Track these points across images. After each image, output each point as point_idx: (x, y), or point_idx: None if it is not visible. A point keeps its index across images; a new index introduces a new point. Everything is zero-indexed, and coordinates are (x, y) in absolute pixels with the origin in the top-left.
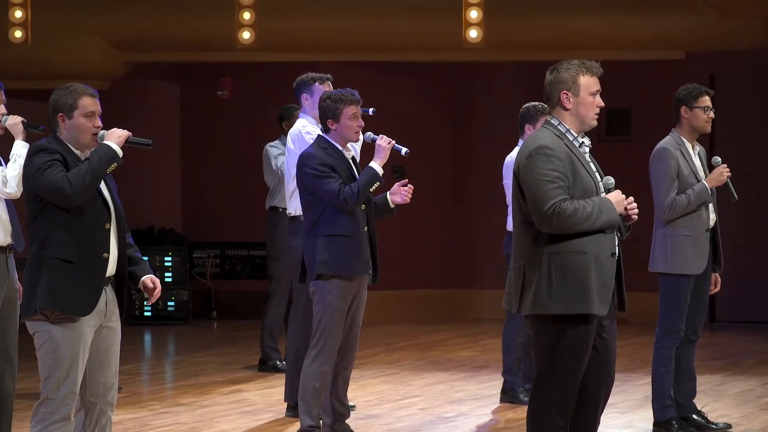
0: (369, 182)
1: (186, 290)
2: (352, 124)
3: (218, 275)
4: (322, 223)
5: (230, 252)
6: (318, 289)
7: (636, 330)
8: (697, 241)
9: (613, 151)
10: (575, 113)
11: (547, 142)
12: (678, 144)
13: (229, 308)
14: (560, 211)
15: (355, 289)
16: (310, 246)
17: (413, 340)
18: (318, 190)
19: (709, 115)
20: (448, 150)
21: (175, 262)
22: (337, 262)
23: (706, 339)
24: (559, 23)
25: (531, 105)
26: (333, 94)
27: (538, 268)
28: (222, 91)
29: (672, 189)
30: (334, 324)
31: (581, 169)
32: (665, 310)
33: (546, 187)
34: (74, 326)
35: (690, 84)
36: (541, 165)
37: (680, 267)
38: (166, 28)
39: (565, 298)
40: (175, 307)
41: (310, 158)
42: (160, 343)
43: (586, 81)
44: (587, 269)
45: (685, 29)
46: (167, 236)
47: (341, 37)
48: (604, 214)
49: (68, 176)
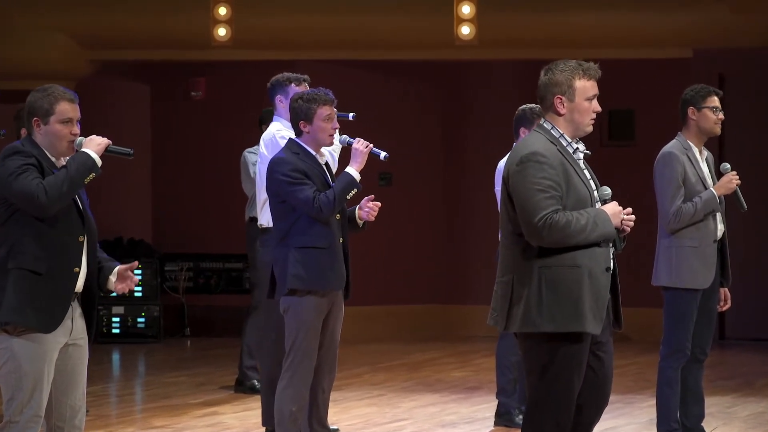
0: (345, 189)
1: (157, 305)
2: (326, 126)
3: (192, 289)
4: (295, 233)
5: (205, 264)
6: (291, 305)
7: (639, 348)
8: (704, 253)
9: (615, 157)
10: (569, 119)
11: (540, 148)
12: (685, 148)
13: (204, 325)
14: (552, 223)
15: (329, 304)
16: (280, 259)
17: (401, 359)
18: (290, 198)
19: (719, 116)
20: (438, 155)
21: (146, 275)
22: (312, 276)
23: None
24: (556, 19)
25: (527, 107)
26: (305, 94)
27: (528, 282)
28: (196, 92)
29: (678, 196)
30: (309, 342)
31: (575, 177)
32: (670, 327)
33: (537, 196)
34: (39, 343)
35: (697, 84)
36: (532, 173)
37: (686, 281)
38: (136, 24)
39: (556, 316)
40: (145, 324)
41: (282, 164)
42: (129, 363)
43: (582, 85)
44: (580, 285)
45: (692, 25)
46: (137, 247)
47: (323, 34)
48: (600, 226)
49: (44, 184)
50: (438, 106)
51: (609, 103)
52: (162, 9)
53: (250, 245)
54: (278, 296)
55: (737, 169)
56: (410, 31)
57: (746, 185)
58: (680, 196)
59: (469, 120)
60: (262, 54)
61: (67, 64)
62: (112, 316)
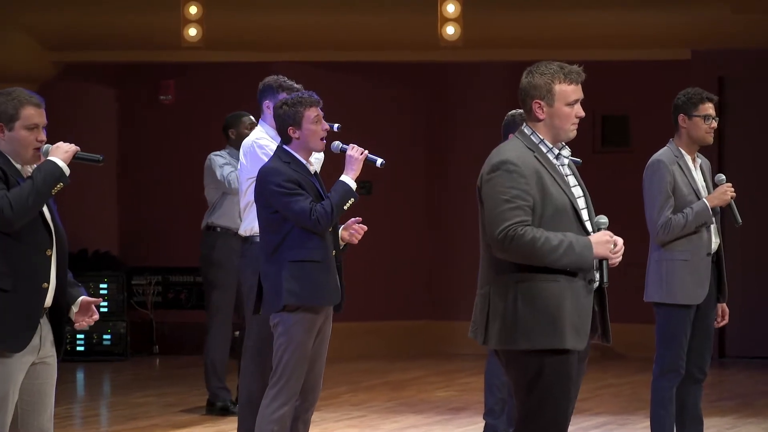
0: (343, 199)
1: (123, 322)
2: (317, 129)
3: (161, 305)
4: (288, 247)
5: (174, 278)
6: (282, 321)
7: (635, 367)
8: (697, 267)
9: (609, 164)
10: (549, 124)
11: (512, 156)
12: (675, 156)
13: (173, 342)
14: (514, 236)
15: (321, 320)
16: (272, 273)
17: (382, 378)
18: (285, 210)
19: (711, 125)
20: (422, 162)
21: (112, 289)
22: (307, 291)
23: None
24: (547, 18)
25: (517, 113)
26: (289, 98)
27: (504, 296)
28: (165, 96)
29: (666, 207)
30: (297, 360)
31: (552, 185)
32: (662, 345)
33: (502, 207)
34: (4, 364)
35: (691, 88)
36: (501, 182)
37: (677, 296)
38: (102, 23)
39: (533, 333)
40: (111, 341)
41: (275, 174)
42: (94, 382)
43: (562, 89)
44: (560, 299)
45: (691, 25)
46: (102, 260)
47: (300, 35)
48: (576, 253)
49: (9, 196)
50: (422, 111)
51: (602, 108)
52: (129, 8)
53: (206, 256)
54: (267, 312)
55: (738, 175)
56: (392, 32)
57: (747, 192)
58: (669, 207)
59: (455, 126)
60: (236, 55)
61: (29, 65)
62: (77, 332)
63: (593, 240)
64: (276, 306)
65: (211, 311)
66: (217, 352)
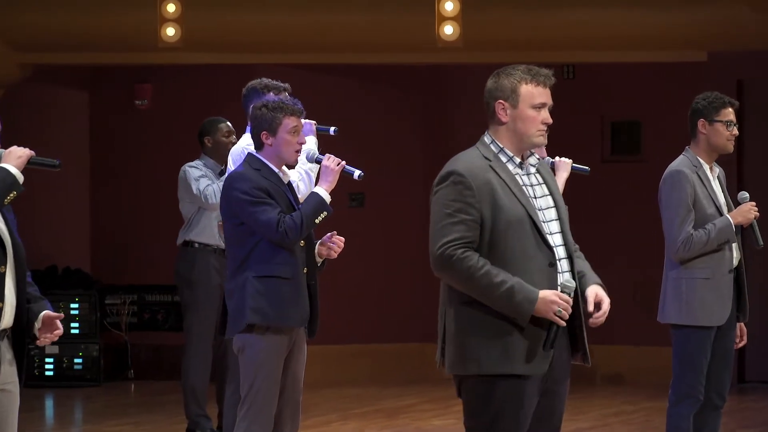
0: (315, 212)
1: (96, 344)
2: (292, 140)
3: (136, 326)
4: (254, 261)
5: (151, 297)
6: (247, 344)
7: (647, 393)
8: (719, 285)
9: (619, 174)
10: (512, 128)
11: (461, 166)
12: (694, 166)
13: (150, 366)
14: (453, 256)
15: (290, 343)
16: (236, 289)
17: (374, 405)
18: (251, 220)
19: (732, 132)
20: (417, 172)
21: (83, 309)
22: (273, 310)
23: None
24: (552, 17)
25: None
26: (270, 101)
27: (456, 318)
28: (141, 101)
29: (687, 221)
30: (268, 386)
31: (506, 197)
32: (680, 369)
33: (444, 221)
34: None
35: (711, 92)
36: (445, 194)
37: (698, 317)
38: (73, 23)
39: (481, 357)
40: (83, 365)
41: (242, 180)
42: (64, 410)
43: (528, 91)
44: (511, 321)
45: (707, 24)
46: (73, 278)
47: (287, 35)
48: (514, 301)
49: None
50: (417, 116)
51: (611, 114)
52: (102, 6)
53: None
54: (231, 333)
55: (759, 188)
56: (386, 32)
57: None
58: (690, 221)
59: (453, 132)
60: (217, 57)
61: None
62: (45, 356)
63: (540, 295)
64: (239, 326)
65: (189, 333)
66: (197, 377)
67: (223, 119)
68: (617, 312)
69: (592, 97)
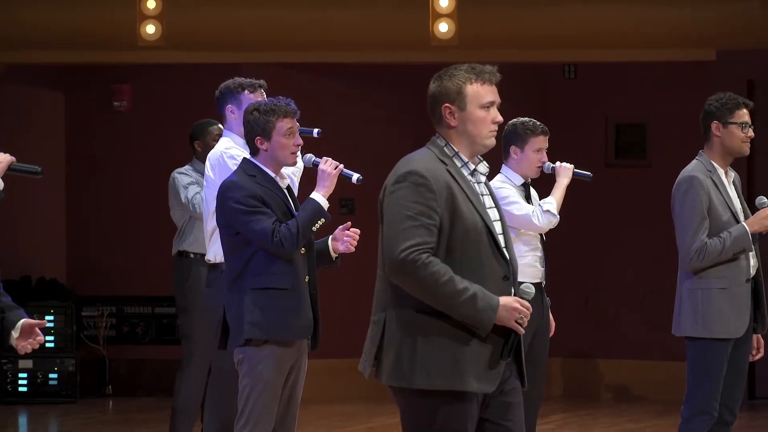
0: (311, 219)
1: (72, 359)
2: (288, 143)
3: (114, 339)
4: (251, 272)
5: (130, 309)
6: (246, 357)
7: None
8: (736, 295)
9: (623, 179)
10: (463, 131)
11: (421, 167)
12: (708, 170)
13: (129, 382)
14: (417, 261)
15: (293, 357)
16: (234, 302)
17: (367, 422)
18: (245, 230)
19: (748, 134)
20: None
21: (59, 322)
22: (272, 323)
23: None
24: (551, 14)
25: (519, 121)
26: (262, 104)
27: (403, 327)
28: (119, 102)
29: (701, 229)
30: (266, 402)
31: (464, 203)
32: (695, 384)
33: (405, 224)
34: None
35: (723, 93)
36: (405, 195)
37: (715, 329)
38: (47, 20)
39: (432, 371)
40: (58, 381)
41: (235, 188)
42: (38, 427)
43: (474, 91)
44: (465, 334)
45: (716, 21)
46: (48, 289)
47: (273, 33)
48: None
49: None
50: (410, 119)
51: (616, 115)
52: (78, 2)
53: (178, 285)
54: (231, 347)
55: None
56: (377, 29)
57: None
58: (704, 229)
59: None
60: (200, 56)
61: None
62: (19, 371)
63: (501, 302)
64: (238, 340)
65: (185, 347)
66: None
67: (214, 122)
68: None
69: (594, 98)
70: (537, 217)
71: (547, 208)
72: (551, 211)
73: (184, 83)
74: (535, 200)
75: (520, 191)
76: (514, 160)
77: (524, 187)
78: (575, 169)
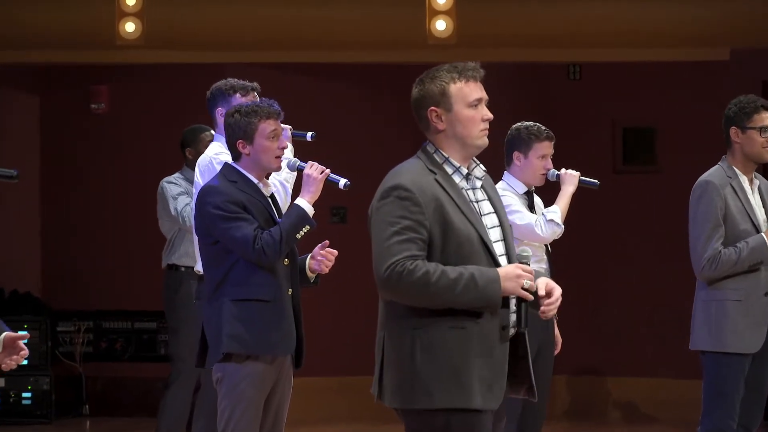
0: (296, 226)
1: (47, 377)
2: (271, 146)
3: (92, 356)
4: (231, 283)
5: (108, 324)
6: (226, 375)
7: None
8: (752, 308)
9: (632, 186)
10: (452, 134)
11: (406, 180)
12: (728, 176)
13: (107, 401)
14: (403, 272)
15: (275, 374)
16: (213, 315)
17: None
18: (225, 238)
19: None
20: None
21: (33, 338)
22: (253, 337)
23: None
24: (554, 11)
25: (522, 126)
26: (243, 106)
27: (399, 345)
28: (97, 104)
29: (715, 238)
30: (247, 422)
31: (455, 214)
32: (711, 401)
33: (391, 240)
34: None
35: (743, 96)
36: (390, 210)
37: (729, 343)
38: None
39: (434, 389)
40: (32, 400)
41: (214, 194)
42: None
43: (458, 89)
44: (466, 349)
45: (730, 19)
46: (22, 303)
47: (260, 31)
48: (478, 288)
49: None
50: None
51: (623, 119)
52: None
53: (169, 301)
54: (210, 364)
55: None
56: (371, 27)
57: None
58: (718, 237)
59: None
60: (182, 56)
61: None
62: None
63: (501, 273)
64: (216, 355)
65: (173, 364)
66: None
67: (206, 128)
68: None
69: (600, 100)
70: (540, 227)
71: (551, 217)
72: (555, 221)
73: (166, 84)
74: (539, 209)
75: (523, 200)
76: (517, 167)
77: (527, 196)
78: (581, 177)
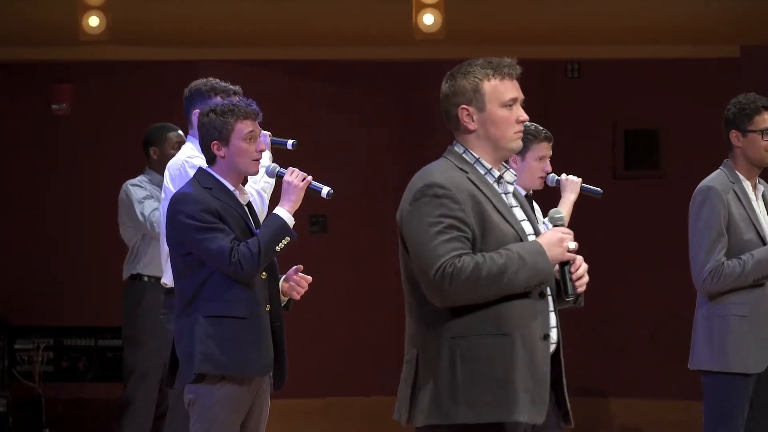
0: (275, 237)
1: (4, 398)
2: (249, 148)
3: (52, 375)
4: (204, 298)
5: (69, 341)
6: (198, 397)
7: None
8: (758, 324)
9: (633, 192)
10: (484, 135)
11: (439, 178)
12: (731, 181)
13: (68, 423)
14: (454, 271)
15: (251, 396)
16: (185, 332)
17: None
18: (199, 249)
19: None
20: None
21: None
22: (227, 356)
23: None
24: (551, 5)
25: None
26: (218, 105)
27: (437, 359)
28: (58, 105)
29: (717, 248)
30: None
31: (494, 214)
32: (713, 424)
33: (435, 240)
34: None
35: (743, 96)
36: (428, 211)
37: (732, 363)
38: None
39: (477, 402)
40: None
41: (188, 202)
42: None
43: (492, 86)
44: (510, 358)
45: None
46: None
47: (235, 26)
48: (529, 264)
49: None
50: (393, 122)
51: (625, 120)
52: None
53: (128, 312)
54: (181, 385)
55: None
56: (354, 22)
57: None
58: (722, 247)
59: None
60: (149, 52)
61: None
62: None
63: (544, 242)
64: (188, 376)
65: (129, 381)
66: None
67: (173, 127)
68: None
69: (601, 100)
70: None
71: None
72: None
73: (132, 83)
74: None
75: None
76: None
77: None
78: (583, 184)
